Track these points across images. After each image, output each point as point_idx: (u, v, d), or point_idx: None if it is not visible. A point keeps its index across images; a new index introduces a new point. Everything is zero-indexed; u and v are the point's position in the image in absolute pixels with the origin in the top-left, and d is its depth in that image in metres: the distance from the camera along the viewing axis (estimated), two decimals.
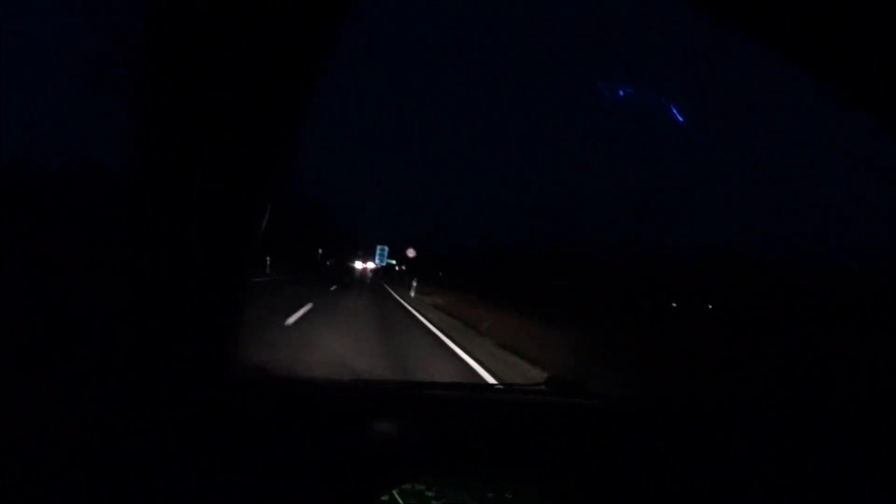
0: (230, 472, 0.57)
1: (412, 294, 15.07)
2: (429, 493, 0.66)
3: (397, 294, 15.21)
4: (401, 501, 0.64)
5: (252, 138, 0.58)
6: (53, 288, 0.59)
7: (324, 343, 4.67)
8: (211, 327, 0.62)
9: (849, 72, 0.58)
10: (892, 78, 0.56)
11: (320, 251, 31.93)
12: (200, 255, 0.59)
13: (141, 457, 0.53)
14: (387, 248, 50.40)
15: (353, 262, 47.59)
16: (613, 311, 13.69)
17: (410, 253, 23.91)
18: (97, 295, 0.57)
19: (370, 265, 47.87)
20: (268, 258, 14.37)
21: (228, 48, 0.54)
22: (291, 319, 5.71)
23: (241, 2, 0.52)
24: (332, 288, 12.96)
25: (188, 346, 0.60)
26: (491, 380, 4.00)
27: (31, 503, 0.48)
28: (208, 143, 0.56)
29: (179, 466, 0.55)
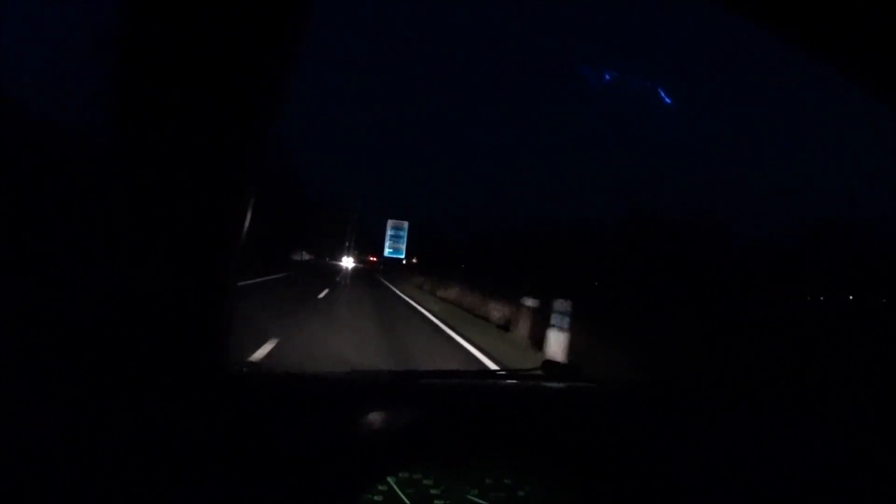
0: (225, 467, 0.58)
1: None
2: (426, 482, 0.66)
3: None
4: (398, 490, 0.64)
5: (230, 119, 0.56)
6: (41, 286, 0.59)
7: None
8: (200, 322, 0.61)
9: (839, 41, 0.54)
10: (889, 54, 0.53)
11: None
12: (186, 248, 0.58)
13: (133, 453, 0.54)
14: (406, 225, 32.03)
15: (339, 259, 32.44)
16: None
17: None
18: (84, 290, 0.57)
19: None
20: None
21: (200, 29, 0.52)
22: None
23: None
24: None
25: (177, 342, 0.59)
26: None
27: (29, 502, 0.49)
28: (185, 126, 0.55)
29: (173, 462, 0.55)
